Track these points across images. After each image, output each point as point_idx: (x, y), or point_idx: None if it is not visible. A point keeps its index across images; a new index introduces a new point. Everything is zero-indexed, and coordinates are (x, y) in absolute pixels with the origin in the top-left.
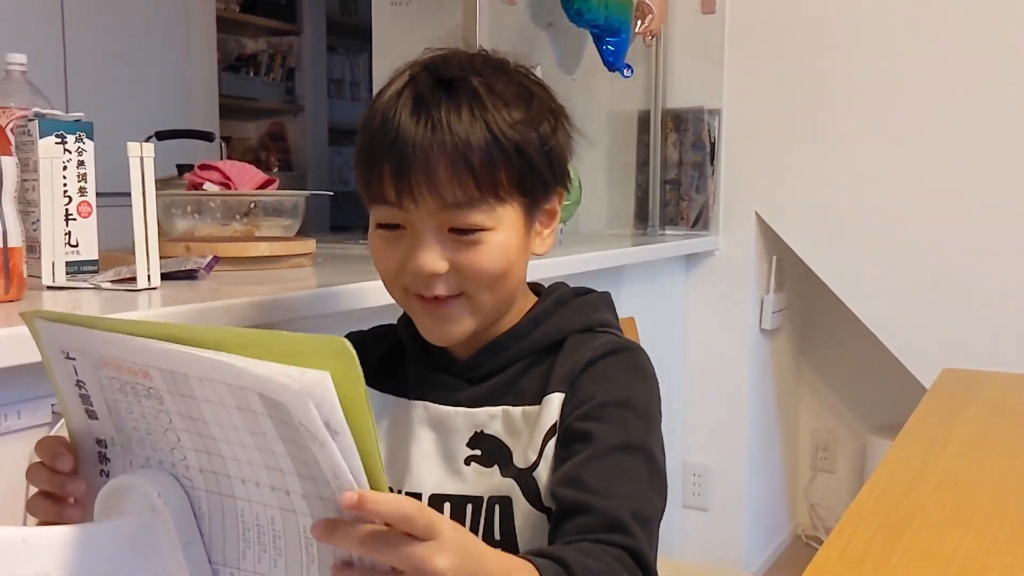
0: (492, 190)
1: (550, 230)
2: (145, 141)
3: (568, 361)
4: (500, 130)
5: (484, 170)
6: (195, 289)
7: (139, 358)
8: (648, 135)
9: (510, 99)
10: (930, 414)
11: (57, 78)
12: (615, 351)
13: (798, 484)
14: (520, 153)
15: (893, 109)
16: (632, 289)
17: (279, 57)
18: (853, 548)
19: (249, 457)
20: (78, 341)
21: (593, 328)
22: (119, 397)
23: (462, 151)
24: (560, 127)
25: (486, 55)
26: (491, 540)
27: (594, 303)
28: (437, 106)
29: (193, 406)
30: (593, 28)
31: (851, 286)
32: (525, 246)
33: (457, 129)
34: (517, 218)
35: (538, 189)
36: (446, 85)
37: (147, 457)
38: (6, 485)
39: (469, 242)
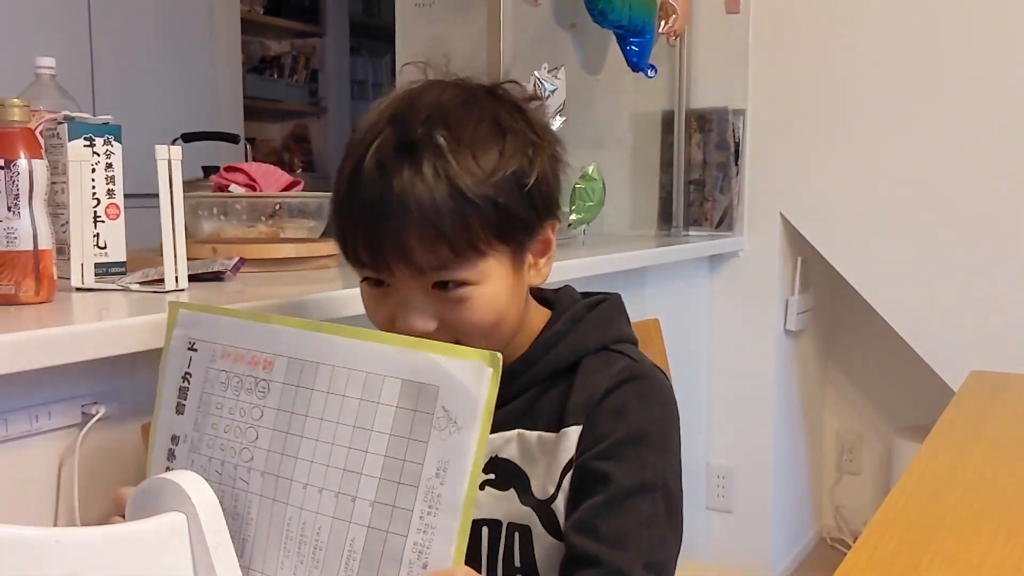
0: (470, 248)
1: (546, 258)
2: (171, 143)
3: (584, 390)
4: (468, 187)
5: (457, 232)
6: (222, 291)
7: (272, 348)
8: (672, 135)
9: (480, 145)
10: (958, 417)
11: (84, 81)
12: (631, 379)
13: (823, 486)
14: (494, 204)
15: (920, 108)
16: (656, 290)
17: (303, 59)
18: (881, 553)
19: (330, 458)
20: (212, 332)
21: (608, 346)
22: (217, 391)
23: (431, 219)
24: (541, 158)
25: (460, 86)
26: (511, 566)
27: (607, 315)
28: (399, 172)
29: (303, 399)
30: (617, 29)
31: (877, 287)
32: (518, 286)
33: (422, 196)
34: (503, 266)
35: (521, 233)
36: (409, 148)
37: (210, 458)
38: (38, 485)
39: (455, 298)
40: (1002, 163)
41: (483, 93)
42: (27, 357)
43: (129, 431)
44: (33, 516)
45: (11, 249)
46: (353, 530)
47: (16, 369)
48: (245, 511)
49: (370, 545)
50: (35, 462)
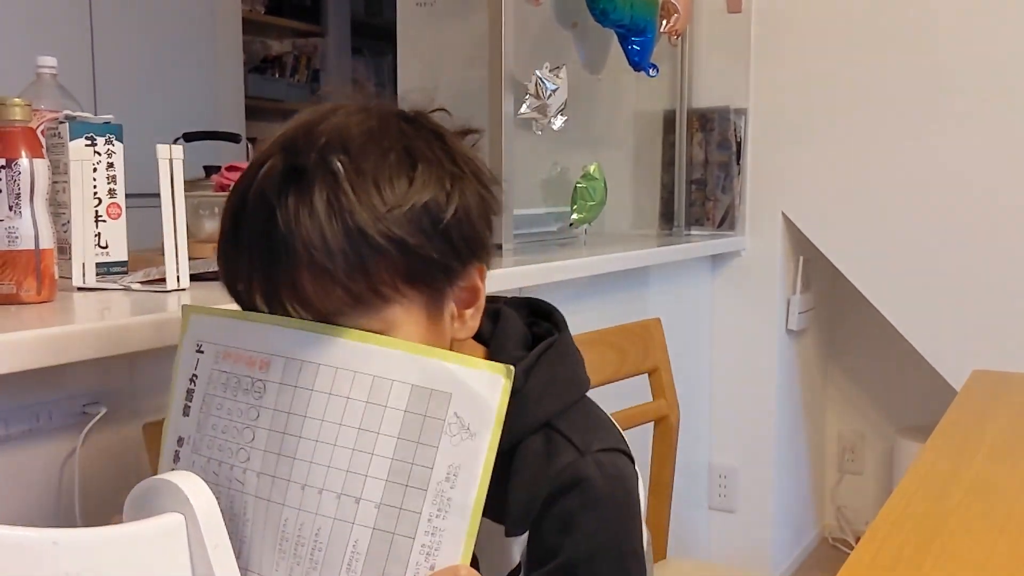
0: (371, 292)
1: (473, 309)
2: (173, 143)
3: (523, 489)
4: (366, 224)
5: (354, 277)
6: (223, 290)
7: (270, 348)
8: (674, 135)
9: (384, 176)
10: (961, 417)
11: (85, 80)
12: (574, 484)
13: (825, 486)
14: (401, 245)
15: (922, 108)
16: (658, 290)
17: (304, 59)
18: (884, 553)
19: (332, 459)
20: (218, 334)
21: (550, 423)
22: (218, 392)
23: (319, 261)
24: (461, 190)
25: (369, 111)
26: None
27: (550, 376)
28: (284, 205)
29: (301, 399)
30: (618, 28)
31: (879, 287)
32: (437, 338)
33: (310, 235)
34: (415, 312)
35: (438, 277)
36: (298, 175)
37: (208, 458)
38: (39, 485)
39: None
40: (1005, 162)
41: (398, 120)
42: (28, 357)
43: (130, 431)
44: (34, 516)
45: (12, 248)
46: (357, 531)
47: (17, 368)
48: (241, 512)
49: (375, 546)
50: (36, 462)
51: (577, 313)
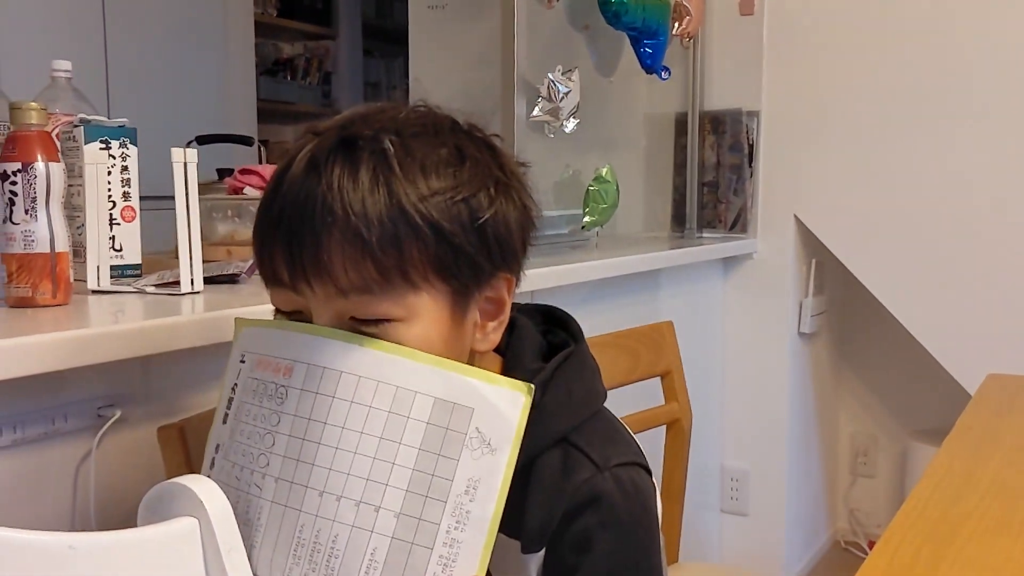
0: (399, 273)
1: (496, 323)
2: (186, 146)
3: (541, 507)
4: (409, 201)
5: (386, 250)
6: (237, 293)
7: (294, 355)
8: (686, 137)
9: (432, 163)
10: (976, 420)
11: (99, 84)
12: (592, 501)
13: (837, 489)
14: (437, 230)
15: (936, 110)
16: (669, 292)
17: (316, 61)
18: (900, 557)
19: (352, 467)
20: (259, 343)
21: (567, 438)
22: (248, 399)
23: (355, 226)
24: (505, 199)
25: (423, 112)
26: None
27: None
28: (330, 171)
29: (322, 406)
30: (631, 31)
31: (892, 289)
32: (455, 341)
33: (351, 199)
34: (439, 308)
35: (466, 274)
36: (348, 144)
37: (233, 463)
38: (55, 488)
39: (375, 335)
40: (1021, 166)
41: (452, 123)
42: (43, 360)
43: (145, 433)
44: (50, 519)
45: (28, 252)
46: (376, 539)
47: (33, 372)
48: (255, 517)
49: (393, 555)
50: (52, 465)
51: (589, 316)
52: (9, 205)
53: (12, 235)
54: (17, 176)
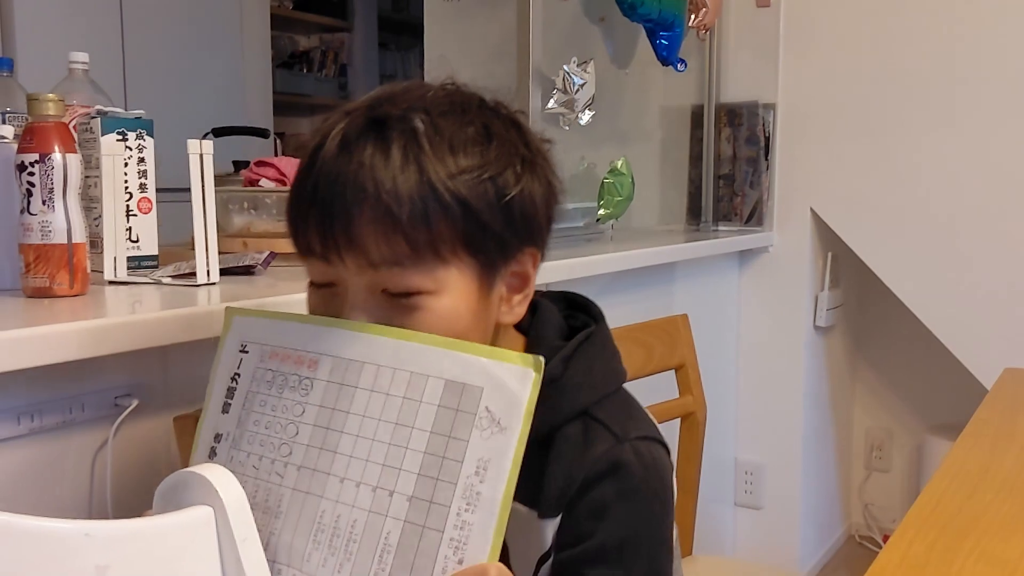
0: (429, 248)
1: (521, 296)
2: (202, 138)
3: (560, 475)
4: (438, 178)
5: (415, 225)
6: (253, 285)
7: (318, 348)
8: (701, 130)
9: (460, 142)
10: (992, 415)
11: (116, 76)
12: (611, 471)
13: (852, 483)
14: (465, 207)
15: (953, 102)
16: (685, 286)
17: (331, 54)
18: (914, 551)
19: (370, 453)
20: (264, 334)
21: (588, 411)
22: (262, 390)
23: (387, 203)
24: (530, 176)
25: (451, 90)
26: None
27: (587, 366)
28: (363, 149)
29: (346, 396)
30: (647, 22)
31: (909, 283)
32: (482, 315)
33: (382, 177)
34: (467, 281)
35: (493, 249)
36: (379, 124)
37: (249, 453)
38: (71, 476)
39: (405, 307)
40: None
41: (478, 101)
42: (61, 350)
43: (161, 423)
44: (67, 507)
45: (46, 243)
46: (389, 523)
47: (50, 361)
48: (276, 505)
49: (405, 539)
50: (69, 453)
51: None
52: (27, 196)
53: (30, 226)
54: (35, 167)
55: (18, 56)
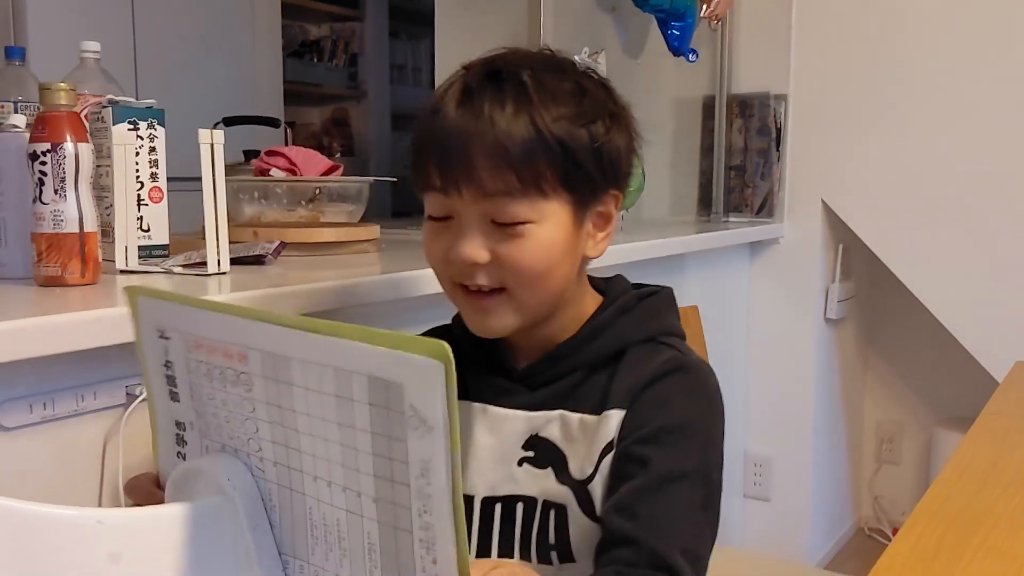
0: (534, 183)
1: (604, 233)
2: (213, 127)
3: (629, 376)
4: (544, 124)
5: (524, 163)
6: (263, 274)
7: (241, 340)
8: (713, 121)
9: (560, 95)
10: (1003, 408)
11: (127, 65)
12: (677, 370)
13: (862, 476)
14: (564, 148)
15: (966, 94)
16: (695, 277)
17: (342, 43)
18: (924, 544)
19: (328, 453)
20: (178, 320)
21: (656, 338)
22: (204, 382)
23: (502, 143)
24: (617, 128)
25: (549, 54)
26: (545, 544)
27: (656, 308)
28: (482, 98)
29: (285, 393)
30: (658, 12)
31: (920, 275)
32: (573, 245)
33: (499, 121)
34: (564, 215)
35: (585, 188)
36: (494, 78)
37: (223, 445)
38: (83, 464)
39: (511, 234)
40: None
41: (571, 64)
42: (73, 338)
43: None
44: (78, 495)
45: (58, 231)
46: (367, 524)
47: (62, 350)
48: (268, 497)
49: (385, 539)
50: (81, 441)
51: None
52: (39, 185)
53: (42, 215)
54: (46, 156)
55: (30, 45)
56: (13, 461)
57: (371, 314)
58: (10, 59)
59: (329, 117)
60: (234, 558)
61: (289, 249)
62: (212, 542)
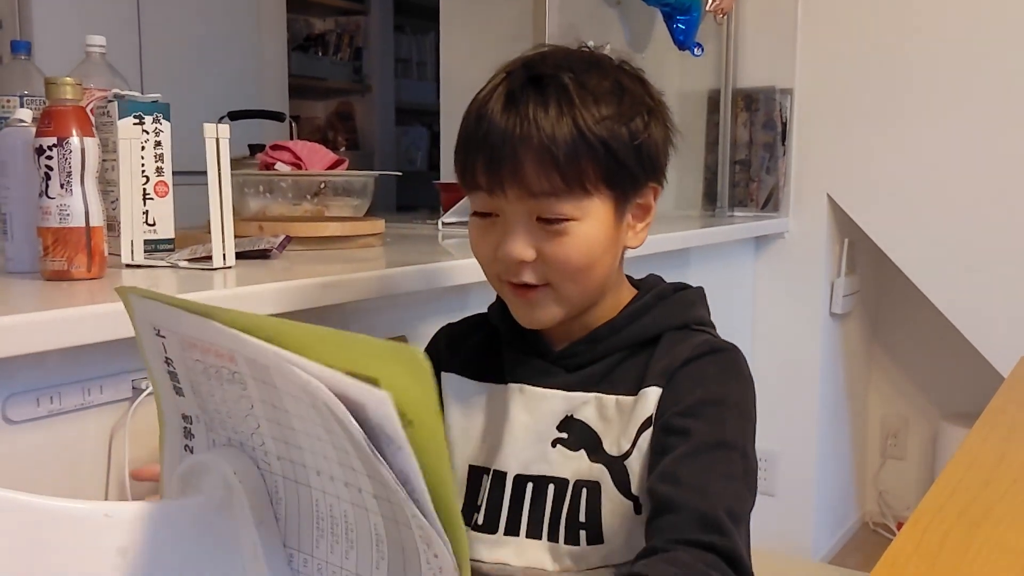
0: (578, 183)
1: (644, 224)
2: (218, 121)
3: (666, 357)
4: (587, 126)
5: (569, 164)
6: (268, 268)
7: (224, 343)
8: (718, 115)
9: (600, 95)
10: (1008, 403)
11: (132, 59)
12: (713, 351)
13: (867, 471)
14: (607, 148)
15: (971, 88)
16: (700, 271)
17: (347, 37)
18: (928, 540)
19: (325, 452)
20: (167, 320)
21: (689, 325)
22: (202, 380)
23: (548, 146)
24: (655, 122)
25: (586, 52)
26: (576, 522)
27: (690, 300)
28: (526, 103)
29: (275, 395)
30: (663, 6)
31: (925, 270)
32: (615, 238)
33: (544, 125)
34: (606, 210)
35: (626, 183)
36: (537, 82)
37: (229, 439)
38: (89, 457)
39: (556, 232)
40: None
41: (609, 60)
42: (79, 332)
43: None
44: (85, 488)
45: (64, 226)
46: (372, 517)
47: (68, 344)
48: (273, 491)
49: (390, 532)
50: (87, 435)
51: None
52: (45, 179)
53: (48, 209)
54: (53, 151)
55: (35, 40)
56: (20, 455)
57: (376, 308)
58: (16, 53)
59: (334, 111)
60: (240, 551)
61: (294, 243)
62: (218, 536)
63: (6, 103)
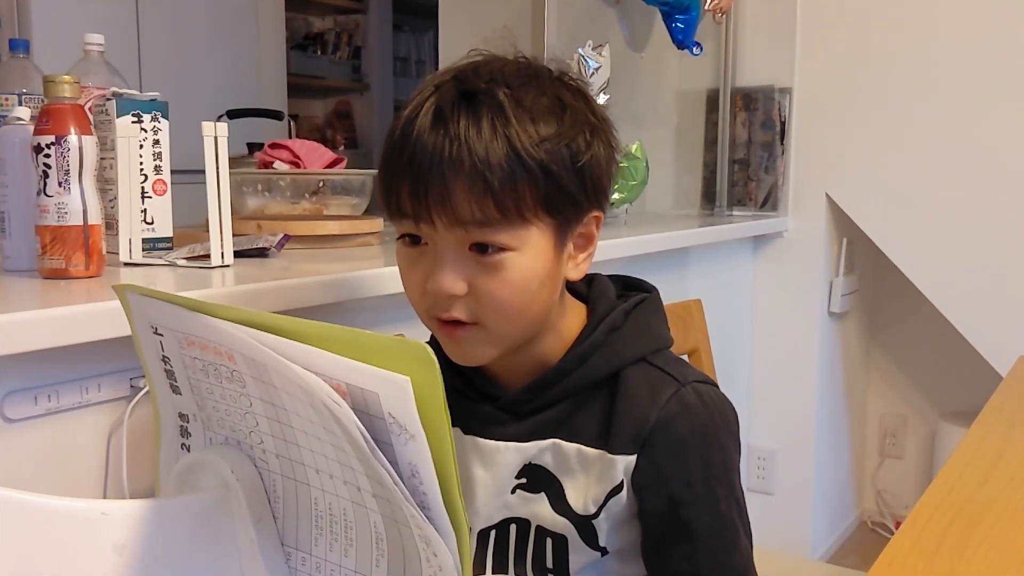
0: (515, 210)
1: (586, 254)
2: (217, 120)
3: (630, 417)
4: (523, 147)
5: (504, 189)
6: (267, 267)
7: (224, 341)
8: (717, 114)
9: (539, 113)
10: (1006, 402)
11: (131, 58)
12: (681, 411)
13: (865, 470)
14: (546, 172)
15: (970, 88)
16: (699, 271)
17: (346, 36)
18: (926, 538)
19: (323, 450)
20: (166, 318)
21: (646, 357)
22: (201, 377)
23: (480, 169)
24: (598, 142)
25: (524, 63)
26: (542, 566)
27: (645, 322)
28: (456, 121)
29: (274, 393)
30: (662, 5)
31: (924, 269)
32: (554, 272)
33: (476, 146)
34: (545, 240)
35: (568, 210)
36: (468, 98)
37: (226, 437)
38: (87, 456)
39: (490, 264)
40: None
41: (548, 72)
42: (77, 331)
43: None
44: (83, 487)
45: (62, 224)
46: (372, 515)
47: (66, 342)
48: (272, 489)
49: (390, 530)
50: (85, 433)
51: None
52: (43, 177)
53: (46, 207)
54: (51, 149)
55: (34, 37)
56: (17, 453)
57: (375, 307)
58: (14, 51)
59: (332, 110)
60: (237, 549)
61: (293, 242)
62: (216, 534)
63: (4, 101)
